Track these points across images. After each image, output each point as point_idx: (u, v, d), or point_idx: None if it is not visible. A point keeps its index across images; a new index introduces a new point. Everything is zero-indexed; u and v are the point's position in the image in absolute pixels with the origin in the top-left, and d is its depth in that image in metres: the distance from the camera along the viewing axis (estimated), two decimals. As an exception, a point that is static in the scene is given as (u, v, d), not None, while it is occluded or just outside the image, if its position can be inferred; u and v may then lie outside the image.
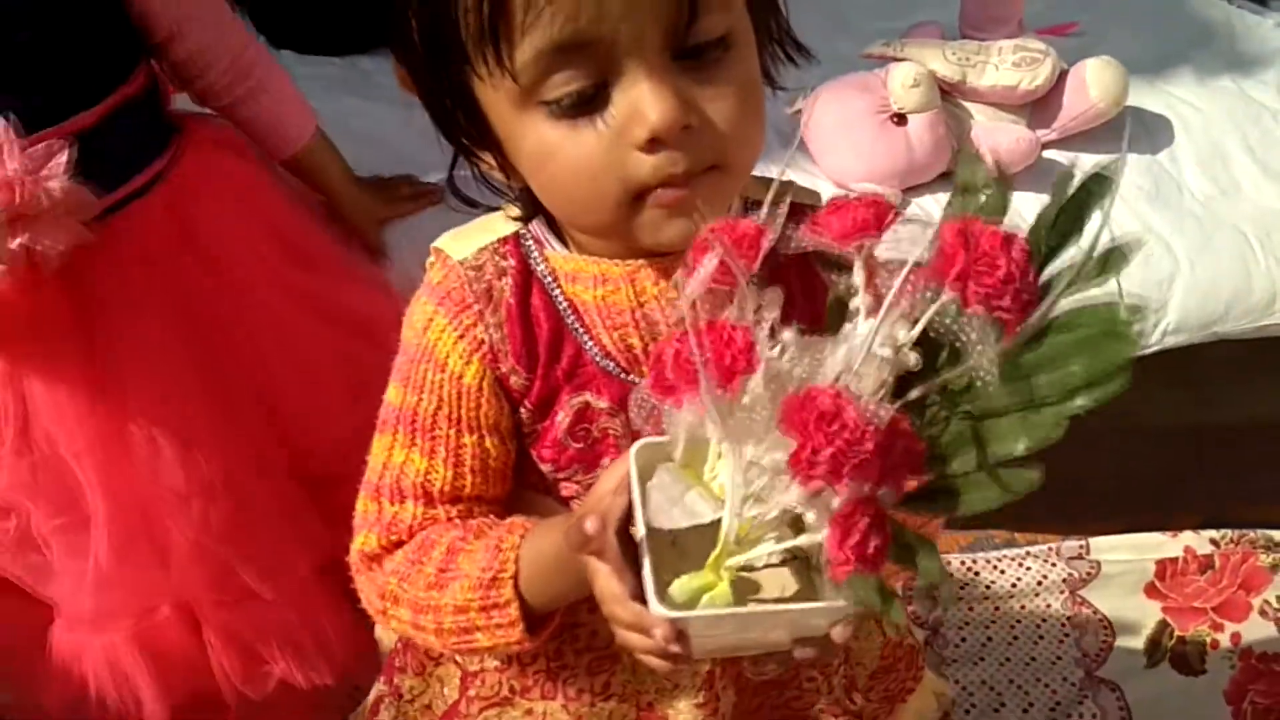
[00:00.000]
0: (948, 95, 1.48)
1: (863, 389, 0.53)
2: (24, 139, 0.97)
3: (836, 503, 0.52)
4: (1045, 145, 1.53)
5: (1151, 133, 1.59)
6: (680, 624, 0.58)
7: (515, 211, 0.74)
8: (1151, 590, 1.63)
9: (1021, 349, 0.53)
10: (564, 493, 0.76)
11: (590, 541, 0.60)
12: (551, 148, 0.63)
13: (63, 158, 0.98)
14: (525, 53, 0.60)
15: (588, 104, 0.61)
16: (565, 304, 0.72)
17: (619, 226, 0.66)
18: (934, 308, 0.52)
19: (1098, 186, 0.55)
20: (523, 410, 0.74)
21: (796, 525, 0.57)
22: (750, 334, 0.55)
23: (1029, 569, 1.66)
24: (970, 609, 1.62)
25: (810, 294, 0.64)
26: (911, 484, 0.55)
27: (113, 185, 1.08)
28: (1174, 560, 1.66)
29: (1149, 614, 1.61)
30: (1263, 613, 1.61)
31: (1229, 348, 1.56)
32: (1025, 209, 0.55)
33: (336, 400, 1.24)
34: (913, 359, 0.54)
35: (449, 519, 0.75)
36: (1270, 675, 1.54)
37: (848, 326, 0.56)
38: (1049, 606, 1.62)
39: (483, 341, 0.72)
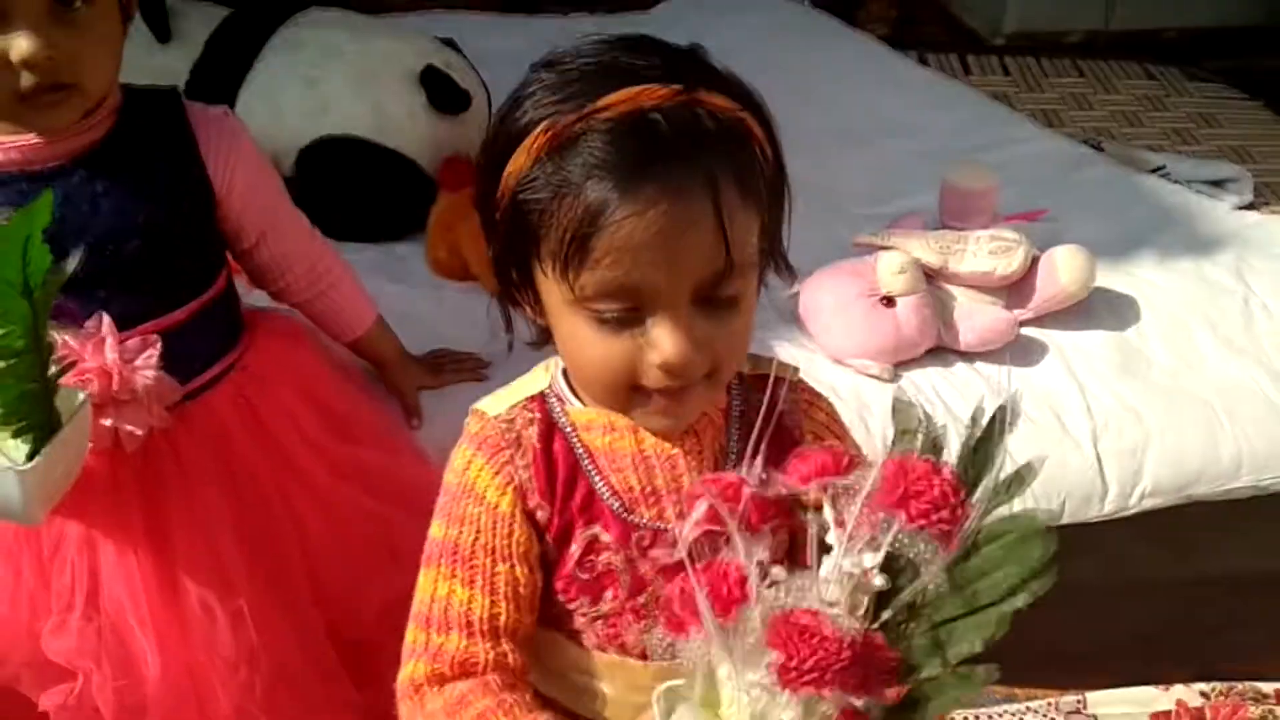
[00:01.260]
0: (931, 279, 1.61)
1: (840, 611, 0.65)
2: (120, 334, 1.08)
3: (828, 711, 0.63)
4: (1022, 324, 1.65)
5: (1118, 311, 1.71)
6: None
7: (541, 373, 0.90)
8: None
9: (961, 560, 0.65)
10: (575, 624, 0.88)
11: None
12: (587, 340, 0.79)
13: (154, 352, 1.09)
14: (589, 281, 0.76)
15: (624, 322, 0.77)
16: (581, 449, 0.86)
17: (620, 405, 0.83)
18: (891, 533, 0.64)
19: (1005, 417, 0.67)
20: (546, 541, 0.86)
21: None
22: (743, 569, 0.67)
23: None
24: None
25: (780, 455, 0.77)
26: (892, 693, 0.66)
27: (190, 376, 1.19)
28: (1167, 714, 1.70)
29: None
30: None
31: (1205, 508, 1.66)
32: (999, 386, 0.69)
33: (375, 567, 1.33)
34: (879, 580, 0.65)
35: (488, 660, 0.85)
36: (1266, 827, 1.59)
37: (826, 559, 0.67)
38: None
39: (513, 478, 0.86)
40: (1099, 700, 1.73)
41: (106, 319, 1.08)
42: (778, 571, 0.67)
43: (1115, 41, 3.32)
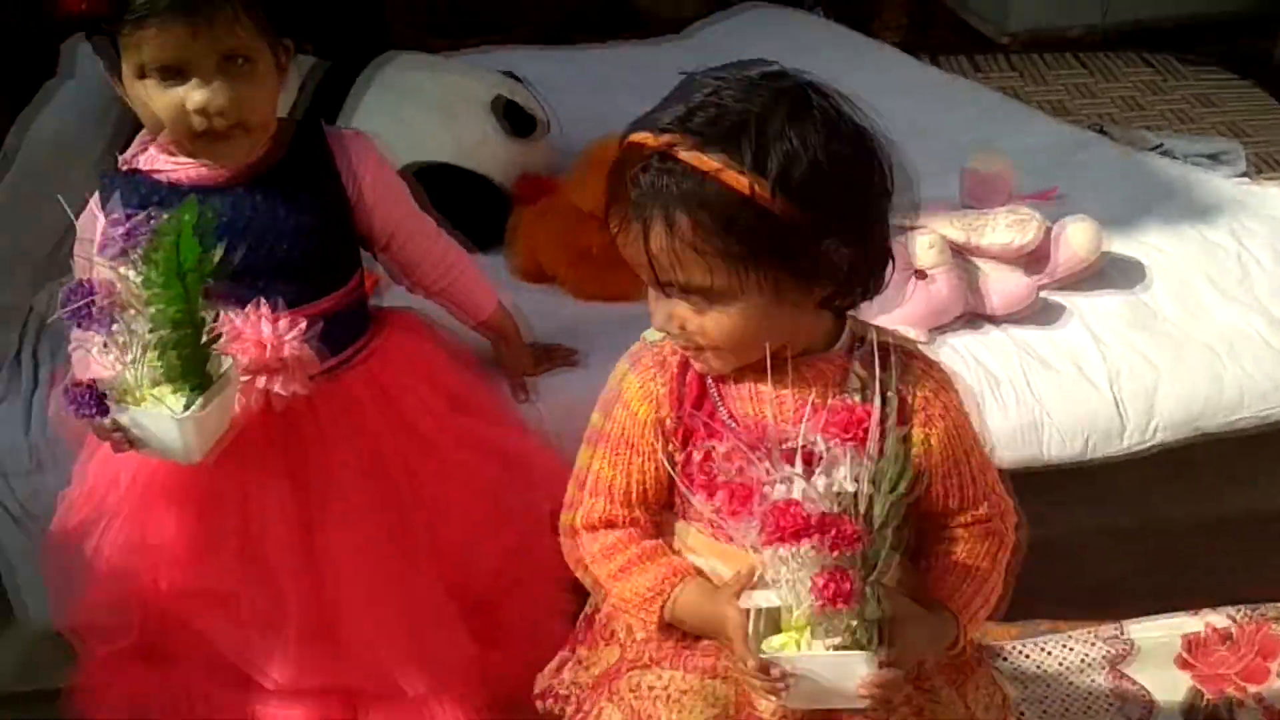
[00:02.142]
0: (958, 254, 1.81)
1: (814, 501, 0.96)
2: (274, 315, 1.31)
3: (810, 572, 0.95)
4: (1041, 288, 1.84)
5: (1126, 273, 1.90)
6: (772, 663, 0.98)
7: None
8: (1181, 662, 1.84)
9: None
10: (690, 514, 1.14)
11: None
12: None
13: (300, 328, 1.31)
14: None
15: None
16: (710, 380, 1.10)
17: None
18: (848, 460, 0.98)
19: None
20: (671, 444, 1.11)
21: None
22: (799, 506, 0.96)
23: (1072, 650, 1.85)
24: (1025, 688, 1.81)
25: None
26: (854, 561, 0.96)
27: (328, 355, 1.40)
28: (1198, 635, 1.86)
29: (1181, 683, 1.82)
30: None
31: (1218, 449, 1.82)
32: (1030, 339, 0.93)
33: (487, 525, 1.54)
34: (849, 487, 0.98)
35: (625, 519, 1.15)
36: (1292, 727, 1.76)
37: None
38: (1094, 682, 1.81)
39: (652, 393, 1.11)
40: (1134, 627, 1.87)
41: (264, 302, 1.31)
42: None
43: (1113, 34, 3.51)
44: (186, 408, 1.22)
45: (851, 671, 0.99)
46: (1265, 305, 1.86)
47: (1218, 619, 1.88)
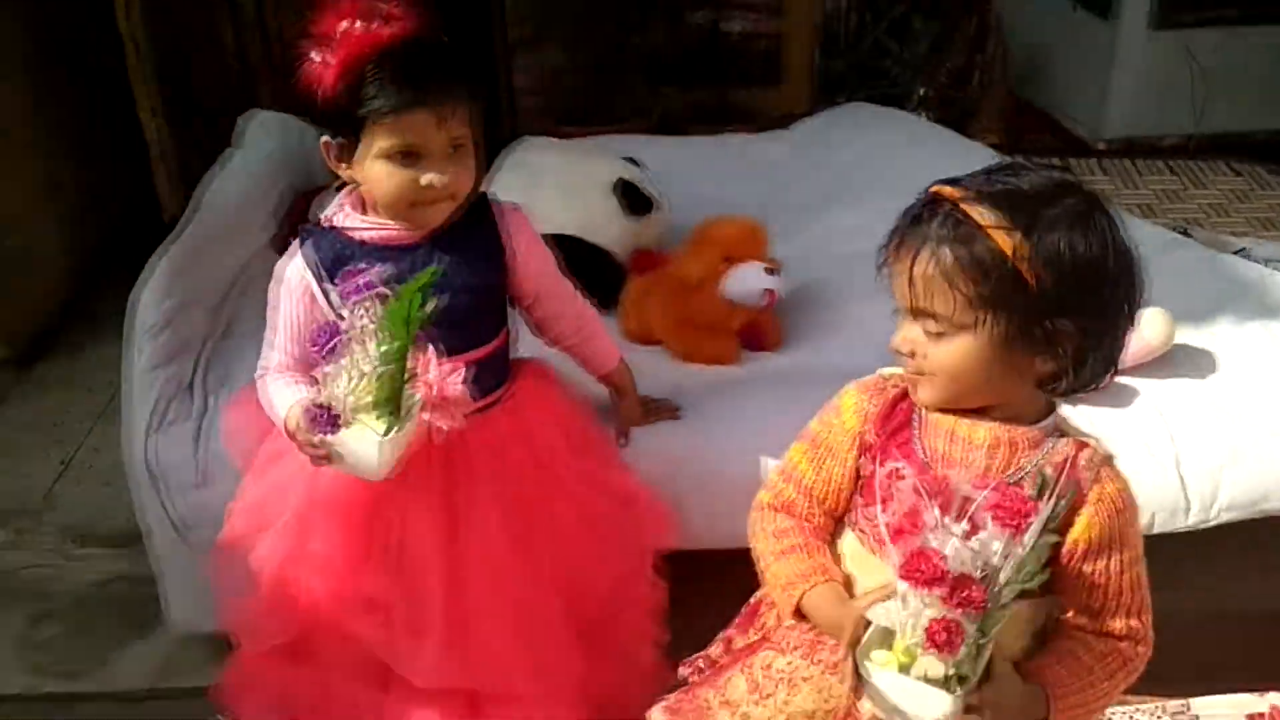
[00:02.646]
0: None
1: (954, 559, 1.10)
2: (439, 360, 1.46)
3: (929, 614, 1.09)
4: (1117, 373, 1.96)
5: (1196, 362, 2.00)
6: (865, 674, 1.14)
7: None
8: None
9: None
10: (859, 523, 1.31)
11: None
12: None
13: (460, 374, 1.48)
14: None
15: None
16: (917, 415, 1.27)
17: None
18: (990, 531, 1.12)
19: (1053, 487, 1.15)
20: (864, 458, 1.28)
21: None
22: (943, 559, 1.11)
23: None
24: None
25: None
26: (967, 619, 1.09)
27: (479, 396, 1.57)
28: (1261, 714, 1.92)
29: None
30: None
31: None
32: (1102, 418, 1.28)
33: (601, 557, 1.71)
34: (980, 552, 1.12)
35: (804, 511, 1.35)
36: (1346, 801, 1.82)
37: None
38: None
39: (864, 410, 1.30)
40: (1200, 703, 1.94)
41: (431, 348, 1.45)
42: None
43: (1205, 143, 3.62)
44: (388, 431, 1.40)
45: (929, 706, 1.12)
46: None
47: None
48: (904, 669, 1.13)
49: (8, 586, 2.37)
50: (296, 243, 1.58)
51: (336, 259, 1.53)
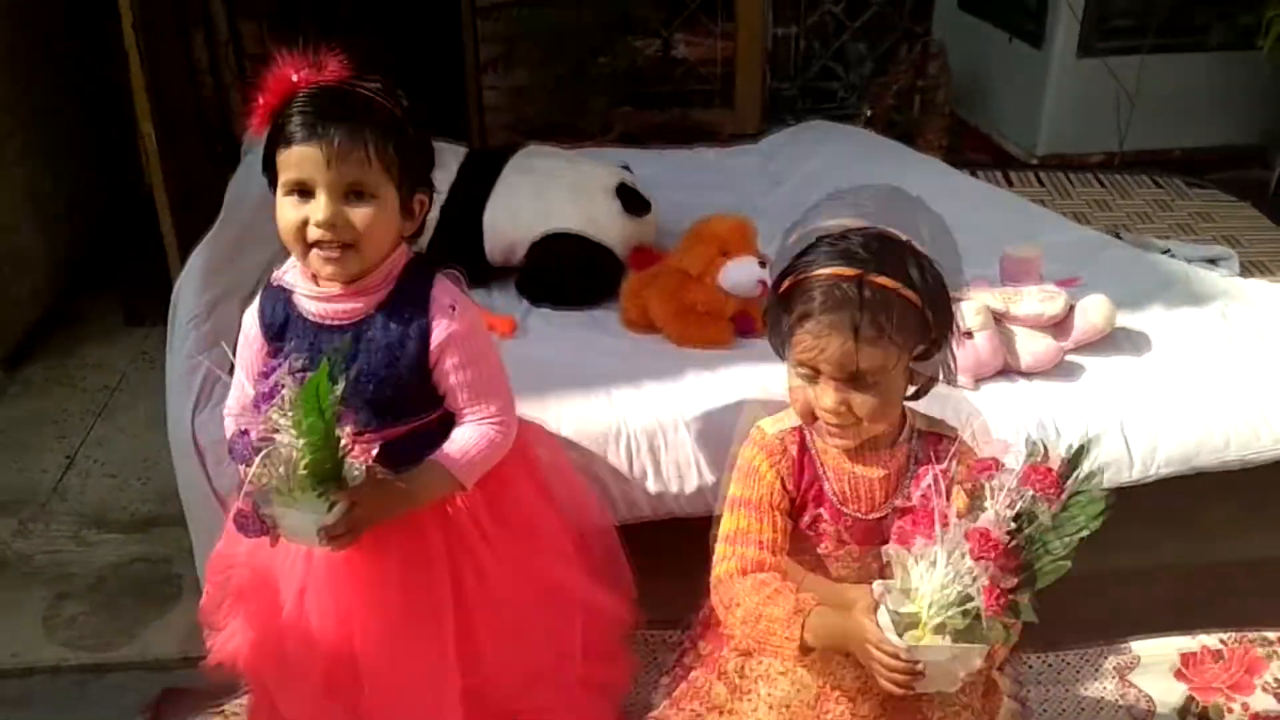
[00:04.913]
0: (998, 320, 2.18)
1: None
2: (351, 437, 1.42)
3: (984, 582, 1.25)
4: (1065, 352, 2.21)
5: (1135, 342, 2.26)
6: (911, 651, 1.28)
7: (794, 415, 1.47)
8: (1179, 674, 2.11)
9: (1060, 512, 1.31)
10: (802, 559, 1.48)
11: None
12: (796, 391, 1.42)
13: (370, 452, 1.44)
14: (800, 358, 1.40)
15: (810, 378, 1.40)
16: (820, 464, 1.47)
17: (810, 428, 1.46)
18: (1025, 499, 1.31)
19: (1088, 446, 1.34)
20: (792, 508, 1.48)
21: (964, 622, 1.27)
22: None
23: (1088, 661, 2.13)
24: (1047, 690, 2.07)
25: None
26: (1012, 580, 1.27)
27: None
28: (1194, 653, 2.13)
29: (1178, 691, 2.08)
30: (1264, 689, 2.10)
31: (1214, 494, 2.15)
32: (1054, 398, 1.62)
33: (519, 646, 1.68)
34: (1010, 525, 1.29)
35: (770, 563, 1.45)
36: (1272, 730, 2.03)
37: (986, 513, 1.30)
38: (1105, 687, 2.08)
39: (779, 471, 1.47)
40: (1140, 645, 2.15)
41: (349, 427, 1.41)
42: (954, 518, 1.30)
43: (1129, 160, 3.90)
44: (331, 509, 1.41)
45: (969, 661, 1.30)
46: (1246, 368, 2.21)
47: (1211, 641, 2.15)
48: (933, 639, 1.28)
49: (25, 570, 2.45)
50: (257, 300, 1.60)
51: (281, 326, 1.55)
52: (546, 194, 2.50)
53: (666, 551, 1.75)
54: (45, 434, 2.93)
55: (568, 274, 2.46)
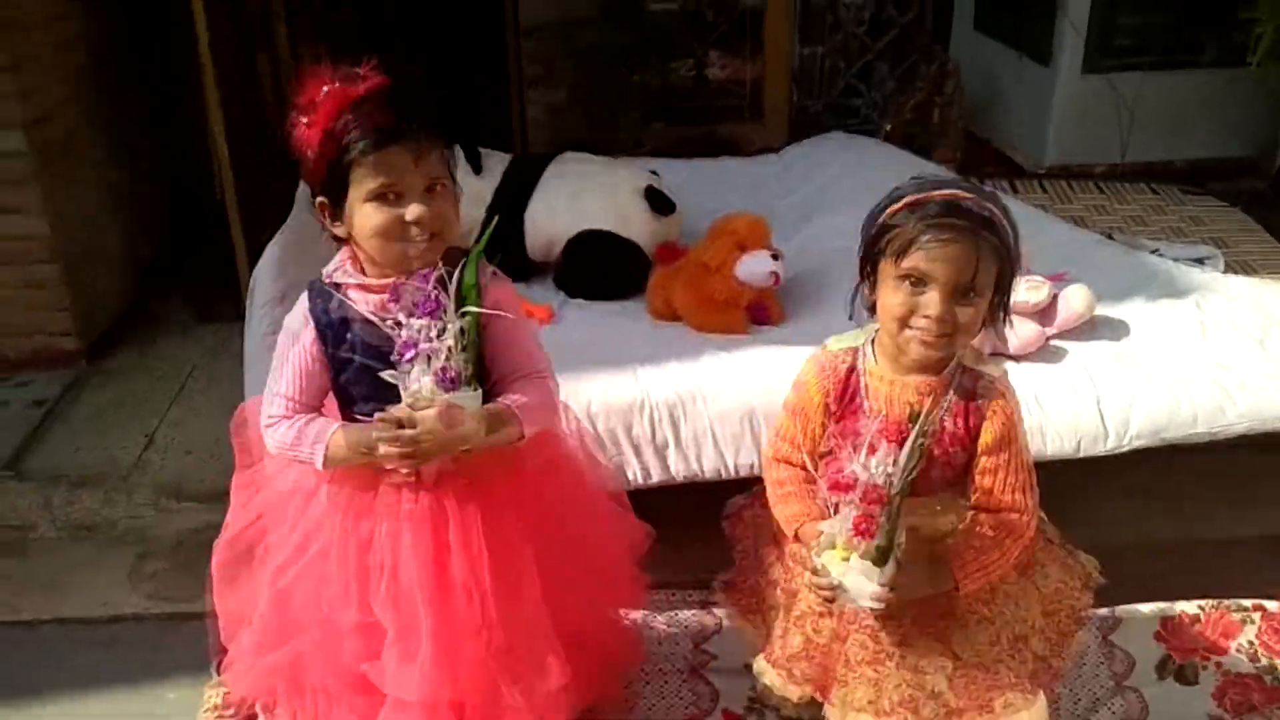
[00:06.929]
0: None
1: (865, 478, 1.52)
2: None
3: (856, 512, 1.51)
4: (1049, 338, 2.40)
5: (1114, 328, 2.45)
6: (822, 568, 1.56)
7: (860, 334, 1.67)
8: (1158, 637, 2.22)
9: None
10: (828, 468, 1.64)
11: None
12: (888, 304, 1.56)
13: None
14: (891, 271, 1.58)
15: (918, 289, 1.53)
16: (864, 384, 1.62)
17: (898, 342, 1.57)
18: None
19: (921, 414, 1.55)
20: (828, 419, 1.67)
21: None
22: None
23: None
24: None
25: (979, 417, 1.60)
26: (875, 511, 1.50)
27: None
28: (1173, 618, 2.24)
29: (1157, 651, 2.18)
30: (1238, 650, 2.20)
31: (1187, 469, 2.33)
32: (1037, 377, 1.79)
33: (586, 565, 1.80)
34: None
35: (797, 460, 1.70)
36: (1242, 685, 2.14)
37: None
38: (1088, 645, 2.14)
39: (824, 387, 1.65)
40: (1122, 608, 2.23)
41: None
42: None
43: (1129, 170, 4.04)
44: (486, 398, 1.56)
45: (867, 580, 1.52)
46: (1215, 353, 2.40)
47: (1188, 607, 2.26)
48: (844, 559, 1.54)
49: (111, 535, 2.66)
50: (304, 294, 1.63)
51: (340, 324, 1.59)
52: (582, 196, 2.72)
53: (685, 516, 1.92)
54: (126, 416, 3.15)
55: (600, 267, 2.69)
